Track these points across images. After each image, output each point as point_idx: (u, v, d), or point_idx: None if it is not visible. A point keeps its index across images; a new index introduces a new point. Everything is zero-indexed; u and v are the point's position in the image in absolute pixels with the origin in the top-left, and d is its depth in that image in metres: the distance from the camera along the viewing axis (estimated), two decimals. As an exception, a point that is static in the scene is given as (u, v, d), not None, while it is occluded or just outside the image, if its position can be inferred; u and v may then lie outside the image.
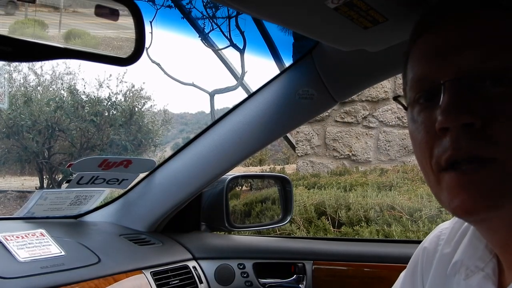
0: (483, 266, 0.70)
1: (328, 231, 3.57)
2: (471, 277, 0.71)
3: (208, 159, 1.44)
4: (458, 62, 0.61)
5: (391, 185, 4.37)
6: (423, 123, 0.65)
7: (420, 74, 0.66)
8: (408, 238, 3.17)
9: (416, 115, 0.67)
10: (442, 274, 0.77)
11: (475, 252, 0.73)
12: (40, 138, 8.27)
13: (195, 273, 1.48)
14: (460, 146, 0.59)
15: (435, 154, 0.63)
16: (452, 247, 0.78)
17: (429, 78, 0.64)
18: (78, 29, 0.70)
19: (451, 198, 0.62)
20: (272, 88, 1.37)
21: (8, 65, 8.47)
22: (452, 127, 0.60)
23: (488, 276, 0.69)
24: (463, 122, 0.59)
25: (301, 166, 5.75)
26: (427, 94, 0.65)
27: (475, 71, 0.60)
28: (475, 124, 0.59)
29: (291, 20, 0.89)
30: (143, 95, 9.39)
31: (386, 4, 0.82)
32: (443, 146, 0.61)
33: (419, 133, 0.66)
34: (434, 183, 0.65)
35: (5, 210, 7.59)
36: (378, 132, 5.48)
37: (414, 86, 0.67)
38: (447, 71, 0.62)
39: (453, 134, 0.60)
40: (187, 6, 8.59)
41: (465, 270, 0.72)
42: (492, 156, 0.59)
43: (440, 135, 0.61)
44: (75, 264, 1.20)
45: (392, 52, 1.06)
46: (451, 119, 0.59)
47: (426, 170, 0.66)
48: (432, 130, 0.63)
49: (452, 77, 0.61)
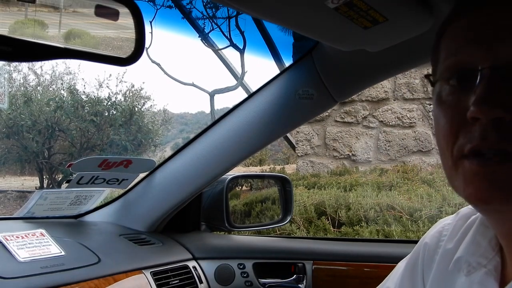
0: (485, 263, 0.70)
1: (328, 231, 3.57)
2: (473, 273, 0.71)
3: (208, 159, 1.44)
4: (497, 50, 0.60)
5: (391, 185, 4.37)
6: (451, 106, 0.64)
7: (456, 55, 0.64)
8: (408, 238, 3.17)
9: (445, 96, 0.65)
10: (444, 270, 0.77)
11: (477, 249, 0.73)
12: (40, 138, 8.27)
13: (195, 273, 1.48)
14: (488, 138, 0.59)
15: (460, 140, 0.62)
16: (454, 243, 0.78)
17: (465, 61, 0.63)
18: (78, 29, 0.70)
19: (467, 184, 0.61)
20: (272, 88, 1.37)
21: (8, 65, 8.48)
22: (484, 118, 0.59)
23: (490, 272, 0.69)
24: (494, 116, 0.58)
25: (301, 166, 5.75)
26: (460, 76, 0.63)
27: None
28: (505, 118, 0.58)
29: (291, 20, 0.89)
30: (143, 95, 9.41)
31: (386, 4, 0.82)
32: (470, 135, 0.60)
33: (446, 115, 0.64)
34: (451, 167, 0.64)
35: (5, 210, 7.59)
36: (378, 132, 5.48)
37: (447, 66, 0.65)
38: (485, 58, 0.60)
39: (483, 125, 0.59)
40: (187, 6, 8.59)
41: (467, 267, 0.72)
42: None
43: (470, 123, 0.60)
44: (75, 264, 1.20)
45: (392, 52, 1.06)
46: (484, 111, 0.58)
47: (445, 153, 0.65)
48: (459, 116, 0.62)
49: (490, 64, 0.59)
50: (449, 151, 0.64)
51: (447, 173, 0.67)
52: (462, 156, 0.62)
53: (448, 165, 0.65)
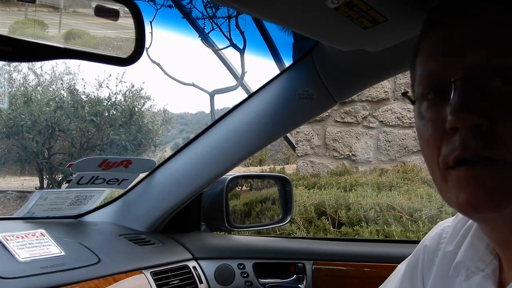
0: (483, 267, 0.70)
1: (328, 231, 3.57)
2: (472, 278, 0.71)
3: (208, 159, 1.44)
4: (467, 60, 0.61)
5: (391, 185, 4.37)
6: (431, 120, 0.65)
7: (430, 70, 0.66)
8: (408, 238, 3.17)
9: (424, 111, 0.67)
10: (444, 274, 0.77)
11: (475, 253, 0.73)
12: (40, 138, 8.27)
13: (195, 273, 1.48)
14: (469, 146, 0.60)
15: (443, 152, 0.63)
16: (454, 246, 0.78)
17: (439, 75, 0.64)
18: (78, 29, 0.70)
19: (459, 192, 0.62)
20: (272, 88, 1.37)
21: (8, 65, 8.48)
22: (461, 126, 0.60)
23: (488, 276, 0.69)
24: (471, 123, 0.59)
25: (301, 166, 5.75)
26: (436, 90, 0.65)
27: (484, 70, 0.60)
28: (482, 125, 0.59)
29: (291, 20, 0.89)
30: (143, 95, 9.41)
31: (386, 4, 0.82)
32: (452, 145, 0.61)
33: (427, 130, 0.66)
34: (440, 180, 0.65)
35: (5, 210, 7.60)
36: (378, 132, 5.48)
37: (423, 81, 0.67)
38: (457, 69, 0.62)
39: (462, 134, 0.60)
40: (187, 6, 8.59)
41: (466, 271, 0.72)
42: (499, 157, 0.59)
43: (450, 133, 0.61)
44: (75, 264, 1.20)
45: (392, 52, 1.06)
46: (461, 120, 0.59)
47: (432, 167, 0.66)
48: (440, 128, 0.63)
49: (462, 75, 0.61)
50: (436, 164, 0.65)
51: (438, 187, 0.67)
52: (449, 167, 0.62)
53: (438, 179, 0.66)
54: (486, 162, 0.59)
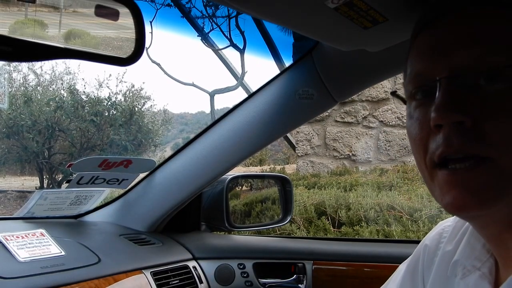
0: (479, 266, 0.71)
1: (328, 231, 3.57)
2: (468, 277, 0.71)
3: (208, 159, 1.44)
4: (452, 60, 0.62)
5: (391, 185, 4.37)
6: (418, 119, 0.66)
7: (417, 70, 0.67)
8: (408, 238, 3.17)
9: (412, 111, 0.68)
10: (443, 274, 0.77)
11: (472, 251, 0.73)
12: (40, 138, 8.27)
13: (195, 273, 1.48)
14: (451, 143, 0.60)
15: (429, 150, 0.64)
16: (453, 246, 0.78)
17: (426, 75, 0.65)
18: (78, 29, 0.70)
19: (443, 195, 0.63)
20: (272, 88, 1.37)
21: (8, 65, 8.48)
22: (445, 124, 0.61)
23: (484, 275, 0.69)
24: (454, 120, 0.60)
25: (301, 166, 5.75)
26: (423, 90, 0.66)
27: (469, 69, 0.61)
28: (466, 122, 0.60)
29: (291, 20, 0.90)
30: (143, 95, 9.41)
31: (386, 4, 0.82)
32: (436, 143, 0.62)
33: (415, 129, 0.67)
34: (428, 178, 0.66)
35: (5, 210, 7.59)
36: (378, 132, 5.48)
37: (411, 81, 0.69)
38: (443, 69, 0.63)
39: (445, 131, 0.61)
40: (186, 5, 8.58)
41: (462, 270, 0.72)
42: (484, 154, 0.60)
43: (434, 131, 0.62)
44: (75, 264, 1.20)
45: (392, 52, 1.06)
46: (443, 117, 0.61)
47: (421, 166, 0.67)
48: (426, 126, 0.64)
49: (446, 74, 0.62)
50: (423, 162, 0.66)
51: (427, 186, 0.68)
52: (435, 166, 0.63)
53: (426, 177, 0.67)
54: (470, 162, 0.60)
